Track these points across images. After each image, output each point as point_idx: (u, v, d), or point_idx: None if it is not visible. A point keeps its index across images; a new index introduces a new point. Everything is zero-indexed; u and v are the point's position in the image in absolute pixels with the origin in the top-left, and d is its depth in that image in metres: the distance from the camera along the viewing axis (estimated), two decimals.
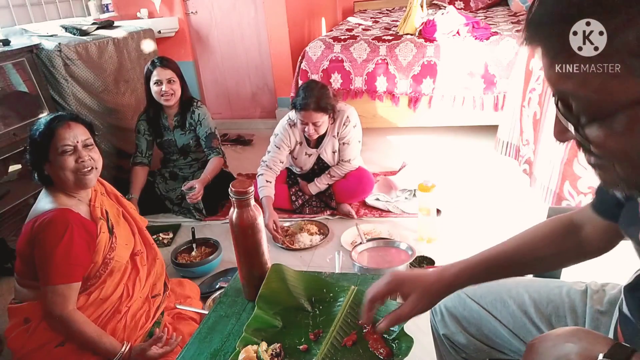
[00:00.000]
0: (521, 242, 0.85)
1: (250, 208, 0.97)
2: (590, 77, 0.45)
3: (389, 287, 0.81)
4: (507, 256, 0.84)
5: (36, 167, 1.42)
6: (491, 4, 4.60)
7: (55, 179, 1.42)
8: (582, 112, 0.50)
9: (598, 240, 0.83)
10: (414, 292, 0.79)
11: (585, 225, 0.84)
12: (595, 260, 0.83)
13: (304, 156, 2.62)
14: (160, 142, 2.79)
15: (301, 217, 2.60)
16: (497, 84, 3.10)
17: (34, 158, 1.41)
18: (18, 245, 1.41)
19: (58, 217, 1.35)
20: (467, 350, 1.01)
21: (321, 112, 2.36)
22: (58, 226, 1.33)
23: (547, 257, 0.85)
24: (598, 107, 0.48)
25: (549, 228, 0.86)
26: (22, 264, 1.42)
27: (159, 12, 4.07)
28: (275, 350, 0.88)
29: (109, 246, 1.46)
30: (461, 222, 2.39)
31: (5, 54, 2.47)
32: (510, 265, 0.84)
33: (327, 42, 3.44)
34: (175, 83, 2.61)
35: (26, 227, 1.39)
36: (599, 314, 0.89)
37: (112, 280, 1.49)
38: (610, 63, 0.43)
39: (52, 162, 1.39)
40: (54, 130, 1.39)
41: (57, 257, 1.32)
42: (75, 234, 1.35)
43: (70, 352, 1.39)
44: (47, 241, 1.32)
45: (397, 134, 3.69)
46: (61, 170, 1.39)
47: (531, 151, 2.42)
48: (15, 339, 1.39)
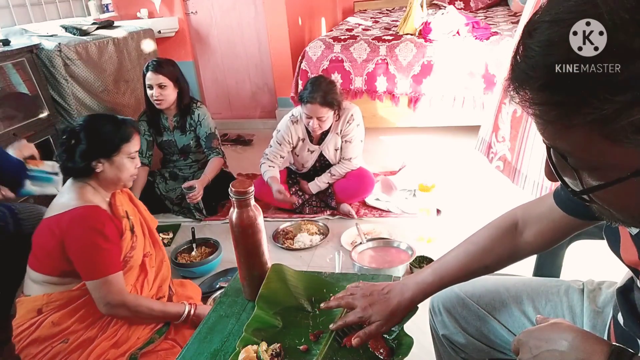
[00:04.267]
0: (467, 255, 0.91)
1: (250, 208, 0.97)
2: (591, 142, 0.44)
3: (359, 321, 0.89)
4: (457, 273, 0.91)
5: (87, 158, 1.44)
6: (491, 4, 4.60)
7: (102, 175, 1.47)
8: (579, 166, 0.50)
9: (541, 241, 0.87)
10: (378, 319, 0.87)
11: (531, 226, 0.87)
12: (594, 259, 0.84)
13: (306, 152, 2.62)
14: (161, 142, 2.79)
15: (301, 217, 2.61)
16: (497, 84, 3.10)
17: (95, 151, 1.44)
18: (36, 239, 1.43)
19: (92, 215, 1.39)
20: (466, 350, 1.02)
21: (327, 106, 2.37)
22: (94, 221, 1.38)
23: (492, 265, 0.90)
24: (596, 168, 0.48)
25: (492, 237, 0.91)
26: (40, 258, 1.42)
27: (159, 12, 4.07)
28: (275, 350, 0.88)
29: (130, 245, 1.49)
30: (461, 222, 2.39)
31: (5, 54, 2.47)
32: (461, 278, 0.92)
33: (327, 42, 3.44)
34: (167, 88, 2.56)
35: (50, 221, 1.40)
36: (596, 313, 0.89)
37: (129, 279, 1.50)
38: (613, 136, 0.43)
39: (114, 161, 1.47)
40: (131, 136, 1.51)
41: (102, 252, 1.37)
42: (111, 229, 1.41)
43: (73, 349, 1.39)
44: (88, 238, 1.36)
45: (397, 134, 3.69)
46: (119, 172, 1.49)
47: (506, 148, 2.41)
48: (21, 331, 1.40)
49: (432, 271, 0.92)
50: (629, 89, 0.40)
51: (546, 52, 0.43)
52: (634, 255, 0.64)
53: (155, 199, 2.74)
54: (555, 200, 0.82)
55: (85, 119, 1.51)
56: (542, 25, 0.45)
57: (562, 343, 0.59)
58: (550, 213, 0.83)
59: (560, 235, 0.85)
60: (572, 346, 0.57)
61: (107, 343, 1.41)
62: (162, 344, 1.48)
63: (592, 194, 0.50)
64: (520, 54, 0.47)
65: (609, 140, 0.43)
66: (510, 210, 0.92)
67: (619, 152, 0.44)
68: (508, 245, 0.89)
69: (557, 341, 0.59)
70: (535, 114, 0.47)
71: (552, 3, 0.45)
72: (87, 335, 1.41)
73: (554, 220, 0.83)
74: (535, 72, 0.44)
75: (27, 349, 1.38)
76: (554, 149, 0.50)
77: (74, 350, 1.39)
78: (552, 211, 0.82)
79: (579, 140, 0.45)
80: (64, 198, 1.45)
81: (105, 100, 2.93)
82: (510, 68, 0.48)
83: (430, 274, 0.92)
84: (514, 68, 0.47)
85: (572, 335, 0.59)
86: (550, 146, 0.51)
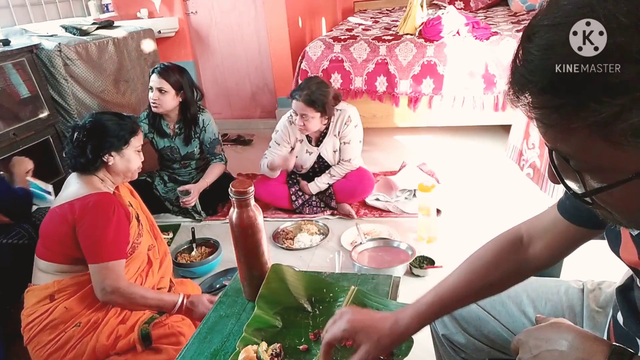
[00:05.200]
0: (471, 272, 0.84)
1: (250, 208, 0.97)
2: (592, 145, 0.44)
3: (344, 334, 0.80)
4: (459, 291, 0.82)
5: (99, 152, 1.51)
6: (491, 4, 4.60)
7: (112, 168, 1.55)
8: (581, 169, 0.49)
9: (547, 255, 0.81)
10: (365, 343, 0.79)
11: (536, 240, 0.82)
12: (594, 259, 0.83)
13: (305, 154, 2.62)
14: (163, 147, 2.71)
15: (301, 217, 2.61)
16: (497, 84, 3.10)
17: (107, 145, 1.52)
18: (46, 228, 1.47)
19: (103, 200, 1.46)
20: (466, 350, 1.02)
21: (311, 106, 2.35)
22: (105, 208, 1.44)
23: (497, 282, 0.83)
24: (598, 170, 0.48)
25: (497, 251, 0.84)
26: (50, 247, 1.46)
27: (159, 12, 4.07)
28: (275, 350, 0.88)
29: (137, 232, 1.56)
30: (461, 222, 2.39)
31: (5, 54, 2.47)
32: (464, 298, 0.84)
33: (327, 42, 3.44)
34: (166, 94, 2.49)
35: (60, 209, 1.45)
36: (595, 313, 0.89)
37: (133, 266, 1.55)
38: (614, 139, 0.43)
39: (122, 154, 1.56)
40: (137, 131, 1.61)
41: (108, 237, 1.42)
42: (121, 215, 1.48)
43: (85, 332, 1.42)
44: (98, 222, 1.42)
45: (397, 134, 3.69)
46: (129, 163, 1.58)
47: (536, 155, 2.41)
48: (34, 318, 1.42)
49: (432, 291, 0.84)
50: (627, 91, 0.40)
51: (545, 55, 0.44)
52: (634, 255, 0.64)
53: (154, 199, 2.74)
54: (560, 211, 0.79)
55: (93, 116, 1.58)
56: (541, 29, 0.45)
57: (562, 343, 0.59)
58: (555, 225, 0.80)
59: (567, 247, 0.81)
60: (572, 346, 0.57)
61: (115, 320, 1.45)
62: (171, 317, 1.51)
63: (594, 197, 0.50)
64: (519, 58, 0.47)
65: (609, 143, 0.43)
66: (513, 227, 0.87)
67: (619, 154, 0.44)
68: (514, 260, 0.83)
69: (557, 341, 0.59)
70: (536, 118, 0.47)
71: (551, 7, 0.45)
72: (97, 317, 1.44)
73: (560, 232, 0.79)
74: (535, 76, 0.44)
75: (39, 336, 1.41)
76: (555, 152, 0.50)
77: (86, 333, 1.41)
78: (557, 223, 0.79)
79: (580, 143, 0.45)
80: (72, 188, 1.50)
81: (105, 100, 2.93)
82: (510, 72, 0.48)
83: (429, 294, 0.84)
84: (513, 72, 0.47)
85: (572, 335, 0.59)
86: (552, 149, 0.51)
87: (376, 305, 0.99)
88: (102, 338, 1.40)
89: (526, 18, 3.75)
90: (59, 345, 1.39)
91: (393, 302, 0.99)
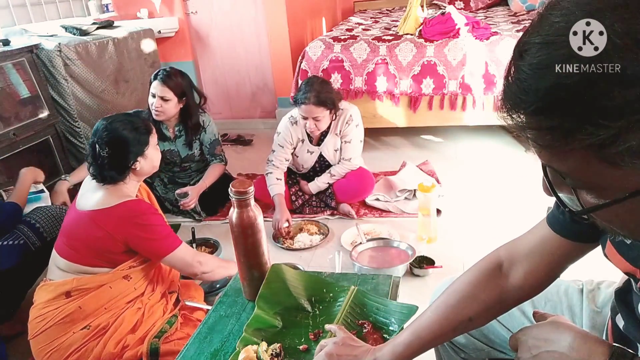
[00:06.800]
0: (448, 307, 0.79)
1: (250, 208, 0.97)
2: (588, 164, 0.43)
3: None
4: (437, 329, 0.78)
5: (126, 163, 1.51)
6: (491, 4, 4.59)
7: (139, 171, 1.55)
8: (576, 186, 0.49)
9: (531, 281, 0.76)
10: None
11: (517, 266, 0.77)
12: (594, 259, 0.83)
13: (306, 154, 2.62)
14: (162, 152, 2.68)
15: (301, 217, 2.61)
16: (497, 84, 3.10)
17: (131, 153, 1.51)
18: (73, 229, 1.48)
19: (142, 203, 1.52)
20: (466, 350, 1.02)
21: (321, 106, 2.36)
22: (149, 209, 1.51)
23: (476, 316, 0.78)
24: (594, 188, 0.47)
25: (474, 282, 0.79)
26: (77, 248, 1.45)
27: (159, 12, 4.07)
28: (275, 350, 0.88)
29: None
30: (461, 222, 2.39)
31: (5, 54, 2.47)
32: (442, 335, 0.79)
33: (327, 42, 3.44)
34: (169, 102, 2.46)
35: (94, 215, 1.44)
36: (595, 313, 0.89)
37: (147, 270, 1.56)
38: (611, 159, 0.42)
39: (145, 155, 1.55)
40: (150, 127, 1.59)
41: (164, 231, 1.52)
42: (156, 212, 1.54)
43: (93, 337, 1.41)
44: (150, 222, 1.48)
45: (397, 134, 3.69)
46: (152, 161, 1.59)
47: None
48: (47, 312, 1.42)
49: (409, 328, 0.80)
50: (624, 114, 0.39)
51: (538, 75, 0.42)
52: (622, 262, 0.64)
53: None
54: (552, 228, 0.74)
55: (107, 128, 1.50)
56: (532, 47, 0.44)
57: (561, 344, 0.58)
58: (544, 245, 0.75)
59: (556, 269, 0.76)
60: (572, 347, 0.57)
61: (125, 329, 1.44)
62: (176, 334, 1.51)
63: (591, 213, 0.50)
64: (512, 76, 0.45)
65: (606, 163, 0.42)
66: (492, 251, 0.82)
67: (616, 173, 0.43)
68: (493, 291, 0.77)
69: (557, 342, 0.59)
70: (529, 138, 0.46)
71: (542, 22, 0.44)
72: (107, 322, 1.44)
73: (549, 253, 0.74)
74: (528, 96, 0.43)
75: (46, 332, 1.41)
76: (549, 168, 0.50)
77: (92, 338, 1.41)
78: (546, 242, 0.74)
79: (576, 163, 0.44)
80: (99, 194, 1.49)
81: (105, 100, 2.93)
82: (502, 89, 0.47)
83: (406, 332, 0.80)
84: (505, 90, 0.46)
85: (571, 335, 0.58)
86: (547, 165, 0.50)
87: (376, 305, 0.99)
88: (109, 346, 1.39)
89: (526, 18, 3.75)
90: (63, 346, 1.39)
91: (393, 302, 0.99)
